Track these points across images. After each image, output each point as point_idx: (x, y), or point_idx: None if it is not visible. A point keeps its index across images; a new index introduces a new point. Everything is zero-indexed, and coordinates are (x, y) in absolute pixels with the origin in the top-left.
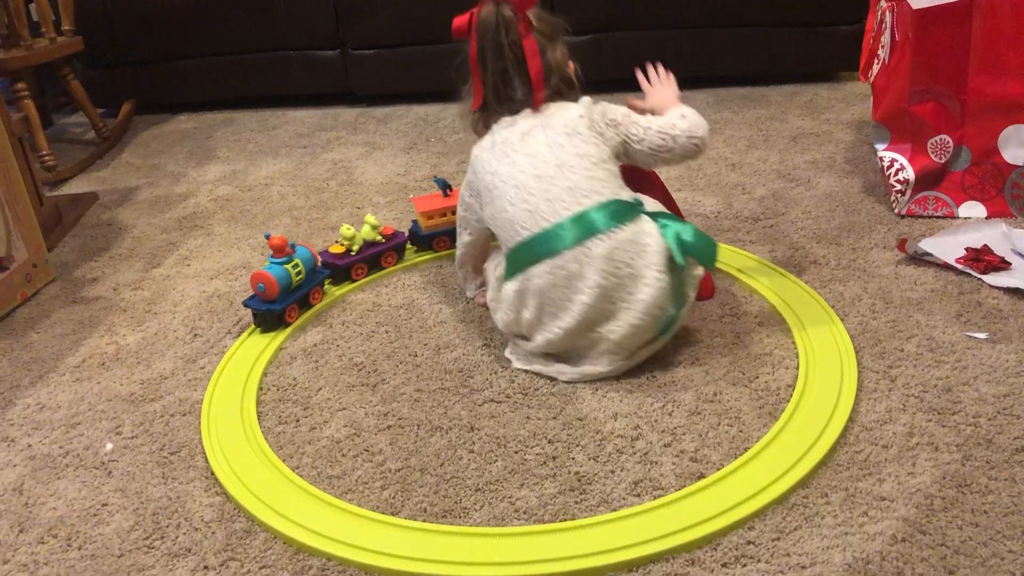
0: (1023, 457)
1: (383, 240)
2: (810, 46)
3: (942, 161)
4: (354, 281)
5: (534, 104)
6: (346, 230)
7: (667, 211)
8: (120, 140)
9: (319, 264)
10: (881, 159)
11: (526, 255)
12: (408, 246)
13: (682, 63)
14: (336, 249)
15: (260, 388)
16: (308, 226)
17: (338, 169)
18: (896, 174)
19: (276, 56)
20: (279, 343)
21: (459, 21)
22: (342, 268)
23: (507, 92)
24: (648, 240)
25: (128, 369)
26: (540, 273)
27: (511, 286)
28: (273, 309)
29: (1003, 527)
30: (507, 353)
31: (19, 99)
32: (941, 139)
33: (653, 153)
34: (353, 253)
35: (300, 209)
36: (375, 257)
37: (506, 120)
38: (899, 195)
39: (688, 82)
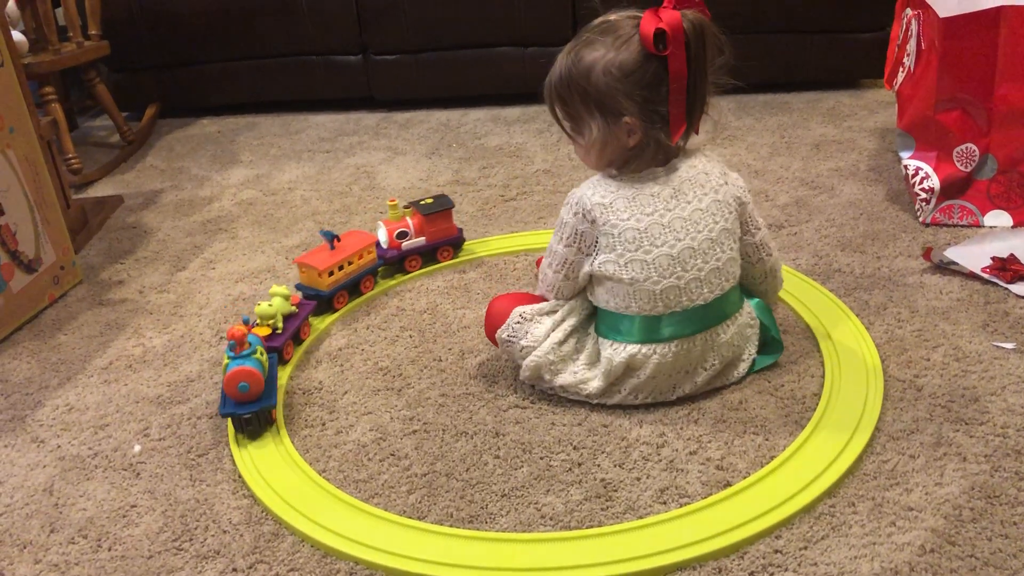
0: None
1: (296, 310)
2: (832, 53)
3: (968, 170)
4: (286, 362)
5: (678, 149)
6: (266, 308)
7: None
8: (144, 143)
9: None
10: (906, 167)
11: (653, 329)
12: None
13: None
14: (261, 331)
15: (286, 391)
16: (332, 230)
17: (360, 174)
18: (921, 182)
19: (299, 61)
20: (304, 347)
21: (649, 28)
22: (278, 350)
23: (693, 126)
24: (752, 322)
25: (155, 371)
26: (663, 352)
27: (616, 355)
28: (267, 406)
29: None
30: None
31: (47, 103)
32: (967, 147)
33: (754, 250)
34: (279, 332)
35: (323, 213)
36: (296, 331)
37: (651, 171)
38: (924, 203)
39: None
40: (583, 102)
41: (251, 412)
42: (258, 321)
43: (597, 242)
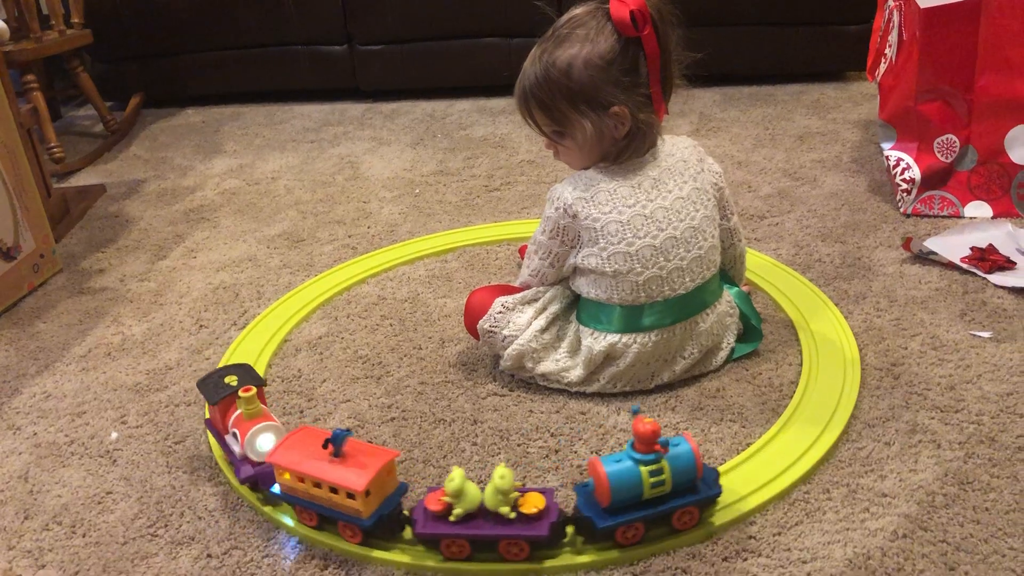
0: None
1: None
2: (818, 45)
3: (948, 160)
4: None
5: (655, 137)
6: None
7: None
8: (128, 133)
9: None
10: (887, 158)
11: (633, 319)
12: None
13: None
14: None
15: (265, 379)
16: (314, 220)
17: (344, 164)
18: (902, 173)
19: (284, 51)
20: (284, 335)
21: (623, 11)
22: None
23: (666, 107)
24: (731, 311)
25: (134, 359)
26: (643, 341)
27: (596, 344)
28: (592, 523)
29: (1004, 524)
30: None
31: (28, 91)
32: (947, 138)
33: (728, 235)
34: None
35: (306, 203)
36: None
37: (631, 162)
38: (905, 194)
39: (695, 80)
40: (569, 102)
41: (578, 512)
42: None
43: (579, 236)
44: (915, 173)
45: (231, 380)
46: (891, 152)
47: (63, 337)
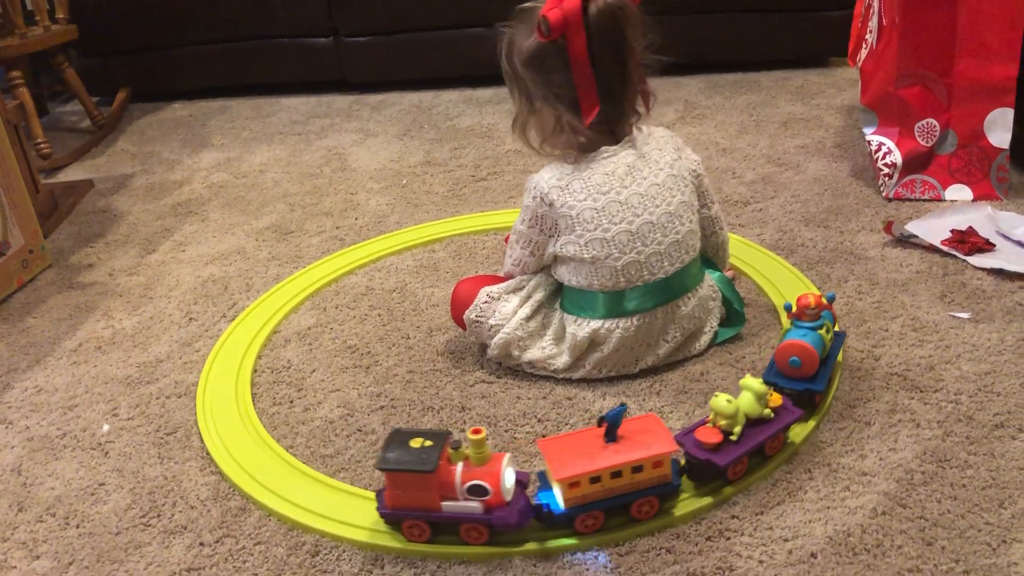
0: (1002, 433)
1: (772, 415)
2: (801, 32)
3: (929, 145)
4: (729, 481)
5: (628, 128)
6: (723, 404)
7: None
8: (115, 128)
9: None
10: (869, 143)
11: (615, 305)
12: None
13: (673, 49)
14: (710, 437)
15: (254, 370)
16: (302, 212)
17: (332, 156)
18: (884, 158)
19: (270, 44)
20: (273, 327)
21: (556, 14)
22: (722, 469)
23: (615, 107)
24: (714, 295)
25: (124, 352)
26: (626, 326)
27: (580, 330)
28: (813, 390)
29: (980, 500)
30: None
31: (14, 87)
32: (928, 123)
33: (708, 223)
34: (733, 440)
35: (294, 195)
36: (761, 446)
37: (608, 149)
38: (886, 178)
39: (680, 68)
40: (509, 82)
41: (793, 390)
42: (711, 418)
43: (557, 224)
44: (896, 157)
45: (420, 442)
46: (873, 137)
47: (53, 332)
